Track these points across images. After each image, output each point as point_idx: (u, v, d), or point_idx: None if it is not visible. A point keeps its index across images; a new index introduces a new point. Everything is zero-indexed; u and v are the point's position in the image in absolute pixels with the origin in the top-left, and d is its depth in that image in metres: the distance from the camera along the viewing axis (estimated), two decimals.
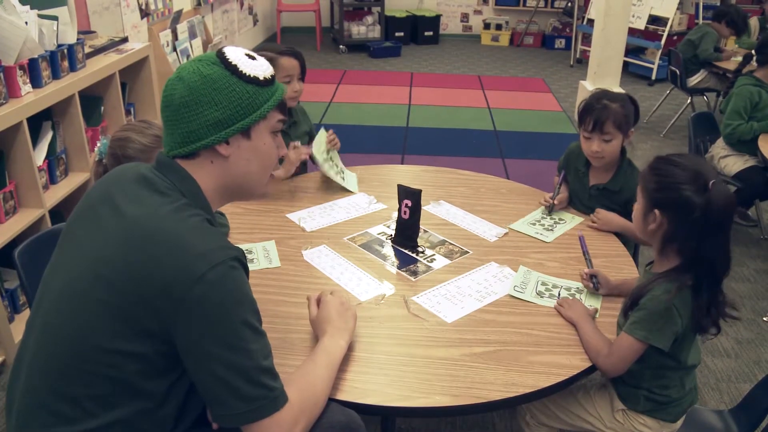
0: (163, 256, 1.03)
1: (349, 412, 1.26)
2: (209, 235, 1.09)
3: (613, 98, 1.99)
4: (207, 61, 1.15)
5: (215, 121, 1.13)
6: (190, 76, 1.13)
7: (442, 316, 1.55)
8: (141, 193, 1.12)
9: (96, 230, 1.12)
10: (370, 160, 4.08)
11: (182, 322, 1.03)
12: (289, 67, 2.26)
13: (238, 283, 1.06)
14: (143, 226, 1.07)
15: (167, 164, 1.17)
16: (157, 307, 1.03)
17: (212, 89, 1.12)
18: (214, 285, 1.02)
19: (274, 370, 1.10)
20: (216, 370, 1.04)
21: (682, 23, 6.99)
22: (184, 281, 1.01)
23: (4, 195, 2.24)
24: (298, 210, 2.09)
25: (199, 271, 1.02)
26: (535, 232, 1.96)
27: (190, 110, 1.13)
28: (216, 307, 1.03)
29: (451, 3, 8.76)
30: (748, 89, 3.24)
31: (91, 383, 1.06)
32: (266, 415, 1.06)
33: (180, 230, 1.07)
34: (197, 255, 1.03)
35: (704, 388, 2.39)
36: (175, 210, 1.10)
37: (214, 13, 5.82)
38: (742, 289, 3.07)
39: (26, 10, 2.37)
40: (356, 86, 6.32)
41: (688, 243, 1.36)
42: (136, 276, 1.03)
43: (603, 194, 2.08)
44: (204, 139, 1.14)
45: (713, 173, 1.35)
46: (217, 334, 1.03)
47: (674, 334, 1.38)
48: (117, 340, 1.04)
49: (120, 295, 1.04)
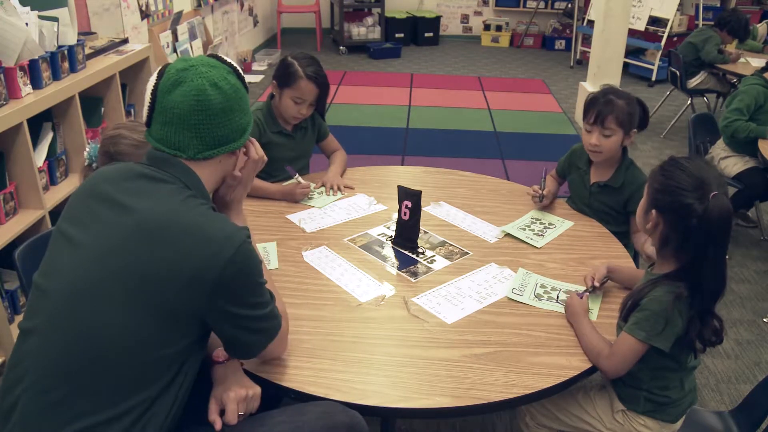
0: (189, 245, 1.11)
1: (353, 413, 1.27)
2: (221, 221, 1.18)
3: (619, 95, 1.99)
4: (223, 69, 1.25)
5: (242, 127, 1.28)
6: (224, 85, 1.22)
7: (443, 317, 1.55)
8: (145, 187, 1.17)
9: (100, 228, 1.14)
10: (370, 161, 4.08)
11: (214, 302, 1.12)
12: (307, 91, 2.19)
13: (255, 255, 1.20)
14: (158, 218, 1.13)
15: (163, 159, 1.22)
16: (190, 294, 1.10)
17: (239, 98, 1.26)
18: (240, 263, 1.14)
19: (274, 301, 1.26)
20: (242, 324, 1.19)
21: (682, 24, 6.99)
22: (214, 267, 1.11)
23: (4, 196, 2.24)
24: (299, 211, 2.09)
25: (228, 254, 1.12)
26: (525, 236, 1.95)
27: (226, 116, 1.23)
28: (243, 280, 1.16)
29: (451, 4, 8.77)
30: (756, 89, 3.24)
31: (115, 376, 1.09)
32: (274, 337, 1.26)
33: (197, 219, 1.15)
34: (222, 239, 1.13)
35: (704, 389, 2.39)
36: (184, 200, 1.17)
37: (215, 14, 5.82)
38: (742, 290, 3.07)
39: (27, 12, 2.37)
40: (356, 87, 6.32)
41: (684, 249, 1.36)
42: (162, 268, 1.09)
43: (603, 192, 2.08)
44: (232, 143, 1.26)
45: (719, 184, 1.34)
46: (244, 299, 1.17)
47: (675, 336, 1.38)
48: (143, 331, 1.09)
49: (145, 287, 1.09)
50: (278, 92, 2.25)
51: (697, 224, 1.32)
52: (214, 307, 1.14)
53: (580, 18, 7.67)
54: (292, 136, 2.34)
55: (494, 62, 7.66)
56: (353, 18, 8.13)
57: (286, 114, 2.26)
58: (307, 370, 1.35)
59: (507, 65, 7.54)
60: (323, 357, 1.39)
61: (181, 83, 1.20)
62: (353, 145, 4.28)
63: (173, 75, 1.21)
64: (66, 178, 2.65)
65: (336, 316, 1.54)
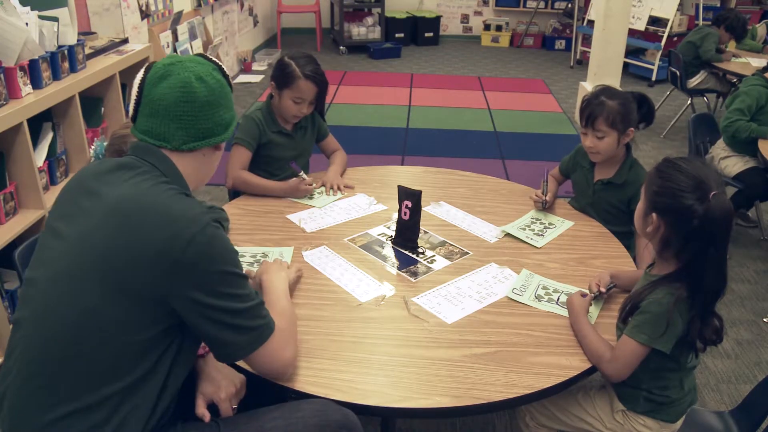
0: (152, 225, 1.12)
1: (346, 411, 1.28)
2: (190, 202, 1.19)
3: (612, 95, 1.99)
4: (209, 65, 1.29)
5: (226, 122, 1.31)
6: (210, 79, 1.26)
7: (443, 317, 1.55)
8: (120, 175, 1.20)
9: (80, 218, 1.17)
10: (371, 161, 4.08)
11: (180, 283, 1.12)
12: (306, 90, 2.20)
13: (224, 240, 1.18)
14: (126, 202, 1.15)
15: (143, 149, 1.25)
16: (153, 274, 1.10)
17: (224, 93, 1.30)
18: (204, 245, 1.12)
19: (263, 303, 1.24)
20: (217, 317, 1.15)
21: (682, 24, 6.99)
22: (177, 245, 1.10)
23: (4, 196, 2.24)
24: (299, 211, 2.09)
25: (190, 233, 1.11)
26: (525, 236, 1.95)
27: (211, 109, 1.27)
28: (209, 264, 1.13)
29: (451, 4, 8.77)
30: (758, 89, 3.24)
31: (93, 360, 1.11)
32: (265, 341, 1.21)
33: (162, 199, 1.16)
34: (185, 220, 1.13)
35: (704, 389, 2.39)
36: (154, 185, 1.19)
37: (215, 14, 5.82)
38: (742, 290, 3.07)
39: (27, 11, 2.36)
40: (356, 87, 6.32)
41: (685, 251, 1.36)
42: (129, 249, 1.11)
43: (607, 189, 2.08)
44: (216, 136, 1.30)
45: (717, 183, 1.34)
46: (213, 288, 1.14)
47: (675, 337, 1.38)
48: (115, 314, 1.11)
49: (116, 270, 1.10)
50: (277, 93, 2.25)
51: (699, 225, 1.31)
52: (178, 292, 1.12)
53: (580, 18, 7.67)
54: (291, 136, 2.34)
55: (494, 62, 7.66)
56: (353, 18, 8.13)
57: (287, 114, 2.26)
58: (307, 370, 1.35)
59: (507, 65, 7.54)
60: (323, 357, 1.39)
61: (168, 76, 1.24)
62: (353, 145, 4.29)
63: (160, 69, 1.25)
64: (66, 177, 2.65)
65: (336, 316, 1.54)
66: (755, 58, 4.94)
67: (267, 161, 2.30)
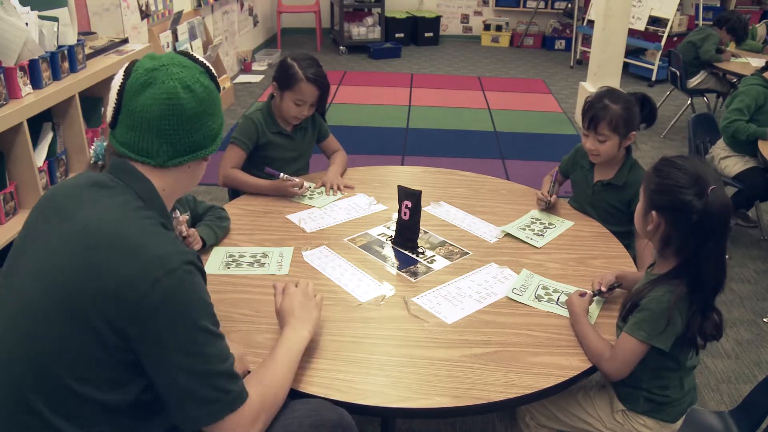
0: (116, 259, 1.01)
1: (340, 410, 1.27)
2: (163, 239, 1.07)
3: (615, 99, 1.99)
4: (195, 69, 1.17)
5: (215, 131, 1.21)
6: (197, 87, 1.15)
7: (443, 317, 1.55)
8: (93, 196, 1.11)
9: (44, 241, 1.09)
10: (370, 161, 4.08)
11: (139, 329, 1.01)
12: (307, 93, 2.20)
13: (195, 289, 1.05)
14: (93, 229, 1.05)
15: (120, 167, 1.15)
16: (112, 312, 1.00)
17: (213, 101, 1.19)
18: (170, 292, 1.01)
19: (233, 371, 1.10)
20: (174, 376, 1.03)
21: (682, 24, 6.99)
22: (138, 286, 0.99)
23: (4, 196, 2.24)
24: (299, 211, 2.09)
25: (154, 275, 1.00)
26: (525, 236, 1.95)
27: (199, 121, 1.16)
28: (173, 314, 1.01)
29: (451, 4, 8.77)
30: (756, 89, 3.24)
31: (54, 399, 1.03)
32: (222, 417, 1.06)
33: (132, 232, 1.05)
34: (152, 258, 1.02)
35: (704, 389, 2.39)
36: (127, 211, 1.09)
37: (215, 14, 5.82)
38: (742, 290, 3.07)
39: (27, 11, 2.37)
40: (356, 87, 6.32)
41: (685, 248, 1.36)
42: (89, 281, 1.01)
43: (607, 190, 2.08)
44: (204, 148, 1.19)
45: (715, 179, 1.35)
46: (174, 341, 1.02)
47: (675, 335, 1.38)
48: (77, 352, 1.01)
49: (74, 303, 1.01)
50: (279, 94, 2.25)
51: (698, 220, 1.32)
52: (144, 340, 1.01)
53: (580, 18, 7.67)
54: (291, 137, 2.34)
55: (494, 62, 7.66)
56: (353, 18, 8.13)
57: (288, 115, 2.27)
58: (308, 370, 1.35)
59: (507, 65, 7.54)
60: (323, 357, 1.39)
61: (151, 84, 1.12)
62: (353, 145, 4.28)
63: (142, 75, 1.12)
64: (66, 178, 2.65)
65: (336, 316, 1.54)
66: (755, 58, 4.94)
67: (266, 162, 2.30)
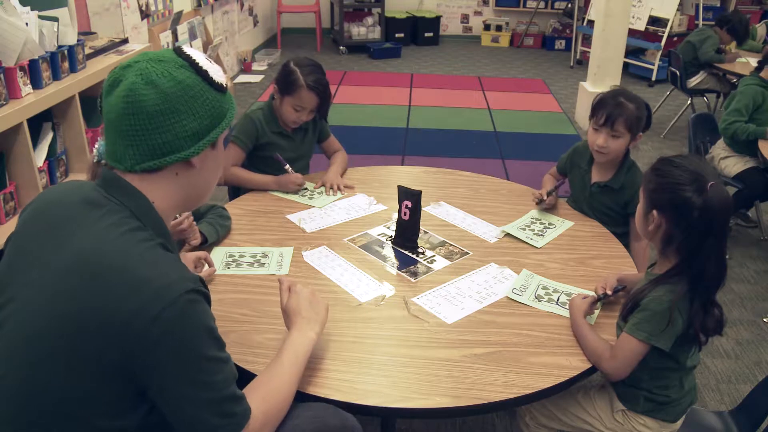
0: (116, 297, 0.96)
1: (344, 415, 1.25)
2: (163, 265, 1.01)
3: (630, 99, 1.99)
4: (173, 63, 1.06)
5: (193, 132, 1.06)
6: (163, 81, 1.03)
7: (443, 317, 1.55)
8: (85, 216, 1.04)
9: (39, 270, 1.03)
10: (370, 161, 4.08)
11: (142, 363, 0.98)
12: (307, 100, 2.20)
13: (197, 317, 1.00)
14: (91, 259, 0.99)
15: (112, 181, 1.07)
16: (114, 348, 0.96)
17: (189, 97, 1.05)
18: (171, 325, 0.96)
19: (237, 392, 1.07)
20: (180, 405, 1.01)
21: (682, 24, 6.99)
22: (140, 322, 0.95)
23: (4, 196, 2.24)
24: (298, 211, 2.09)
25: (154, 310, 0.95)
26: (526, 236, 1.95)
27: (166, 120, 1.03)
28: (176, 347, 0.98)
29: (451, 4, 8.77)
30: (754, 89, 3.24)
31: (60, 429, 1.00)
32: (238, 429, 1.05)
33: (130, 264, 0.99)
34: (152, 293, 0.96)
35: (704, 389, 2.39)
36: (123, 236, 1.01)
37: (215, 14, 5.82)
38: (742, 290, 3.07)
39: (27, 11, 2.36)
40: (356, 87, 6.32)
41: (686, 245, 1.36)
42: (90, 321, 0.97)
43: (604, 192, 2.08)
44: (180, 151, 1.06)
45: (713, 175, 1.35)
46: (179, 373, 0.99)
47: (675, 335, 1.38)
48: (82, 387, 0.98)
49: (77, 341, 0.97)
50: (279, 97, 2.26)
51: (699, 216, 1.32)
52: (149, 371, 0.98)
53: (580, 18, 7.67)
54: (292, 138, 2.34)
55: (494, 62, 7.66)
56: (353, 18, 8.13)
57: (286, 119, 2.27)
58: (308, 370, 1.34)
59: (507, 65, 7.54)
60: (323, 357, 1.39)
61: (118, 83, 1.04)
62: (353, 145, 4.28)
63: (113, 74, 1.06)
64: (66, 178, 2.65)
65: (336, 316, 1.54)
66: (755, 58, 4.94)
67: (266, 162, 2.30)
